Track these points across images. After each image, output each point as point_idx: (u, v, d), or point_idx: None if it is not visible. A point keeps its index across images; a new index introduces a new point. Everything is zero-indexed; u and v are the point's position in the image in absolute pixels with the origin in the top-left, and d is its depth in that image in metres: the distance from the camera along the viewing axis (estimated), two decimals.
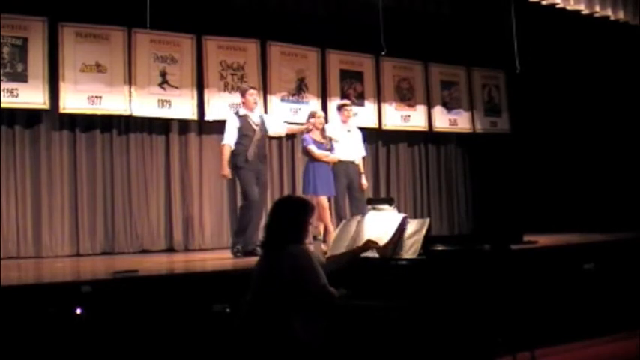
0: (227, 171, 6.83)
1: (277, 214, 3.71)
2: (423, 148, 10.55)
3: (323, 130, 7.27)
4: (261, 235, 5.38)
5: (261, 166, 7.00)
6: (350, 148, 7.52)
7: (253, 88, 7.37)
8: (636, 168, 9.28)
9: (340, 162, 7.32)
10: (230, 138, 6.87)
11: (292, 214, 3.68)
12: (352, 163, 7.49)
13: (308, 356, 3.46)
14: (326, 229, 6.97)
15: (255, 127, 6.92)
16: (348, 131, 7.60)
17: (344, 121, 7.60)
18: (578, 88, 9.92)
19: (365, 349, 3.80)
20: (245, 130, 6.86)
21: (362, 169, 7.65)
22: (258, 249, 5.12)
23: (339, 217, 7.20)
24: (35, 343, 3.92)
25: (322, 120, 7.31)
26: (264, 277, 3.57)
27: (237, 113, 7.03)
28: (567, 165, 10.09)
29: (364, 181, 7.66)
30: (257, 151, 6.89)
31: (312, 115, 7.32)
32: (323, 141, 7.20)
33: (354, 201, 7.46)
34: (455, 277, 4.23)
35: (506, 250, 4.95)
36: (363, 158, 7.80)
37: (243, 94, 7.11)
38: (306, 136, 7.22)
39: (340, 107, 7.72)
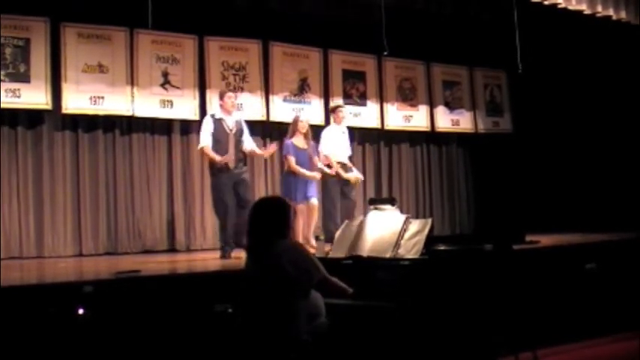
0: (229, 157, 6.61)
1: (258, 216, 3.67)
2: (425, 148, 10.56)
3: (306, 135, 7.25)
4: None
5: (238, 169, 6.76)
6: (345, 149, 7.61)
7: (232, 91, 7.29)
8: (638, 168, 9.27)
9: (337, 163, 7.41)
10: (206, 140, 6.70)
11: (273, 213, 3.65)
12: (345, 164, 7.56)
13: (309, 356, 3.46)
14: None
15: (228, 132, 6.73)
16: (343, 132, 7.65)
17: (339, 123, 7.64)
18: (580, 88, 9.92)
19: (366, 349, 3.80)
20: (218, 135, 6.68)
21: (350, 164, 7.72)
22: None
23: (333, 221, 7.18)
24: (37, 344, 3.92)
25: (305, 125, 7.29)
26: (260, 278, 3.55)
27: (213, 116, 6.89)
28: (569, 165, 10.08)
29: (358, 174, 7.71)
30: (233, 157, 6.68)
31: (296, 121, 7.32)
32: (305, 147, 7.17)
33: (344, 201, 7.46)
34: (457, 277, 4.22)
35: (508, 250, 4.95)
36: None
37: (221, 97, 6.95)
38: (288, 141, 7.20)
39: (334, 109, 7.80)
